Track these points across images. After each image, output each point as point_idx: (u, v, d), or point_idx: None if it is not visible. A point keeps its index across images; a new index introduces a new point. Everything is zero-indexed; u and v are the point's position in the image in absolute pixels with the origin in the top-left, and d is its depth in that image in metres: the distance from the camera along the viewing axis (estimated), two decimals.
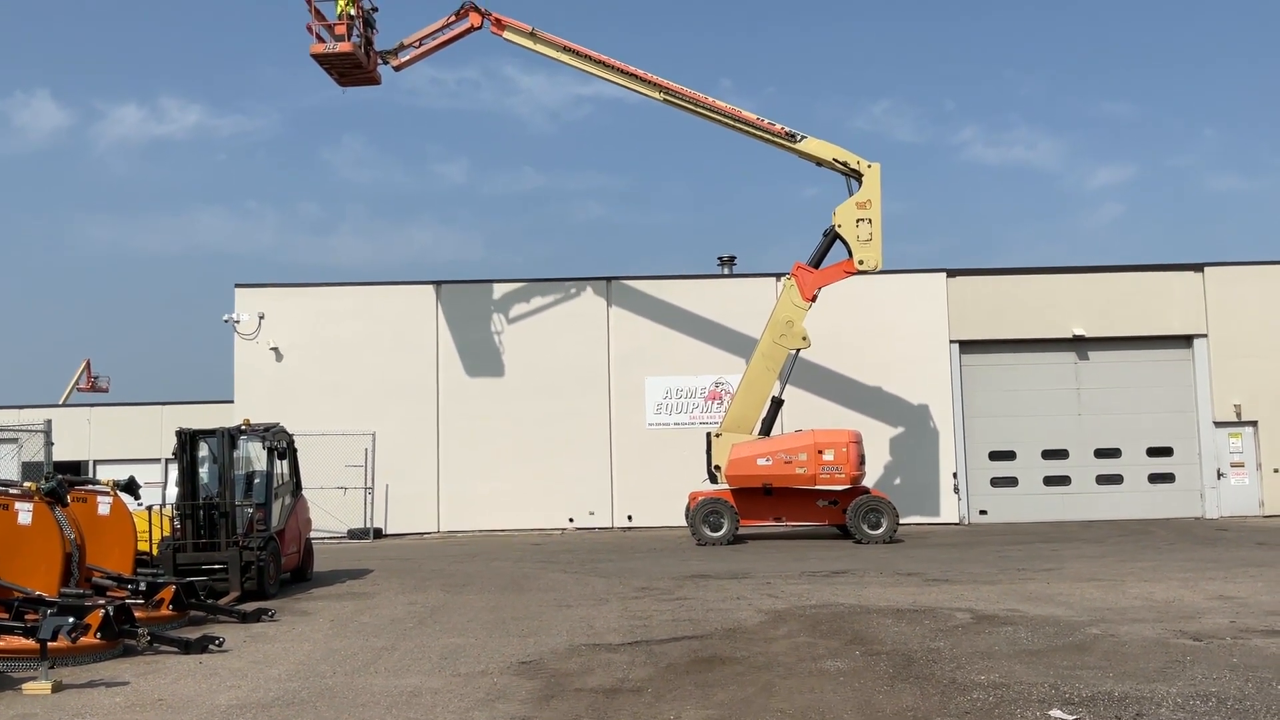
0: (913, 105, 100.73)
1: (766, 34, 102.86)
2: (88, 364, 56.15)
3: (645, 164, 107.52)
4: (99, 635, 10.88)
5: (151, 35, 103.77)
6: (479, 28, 25.52)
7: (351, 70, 25.29)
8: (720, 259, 31.94)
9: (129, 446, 37.36)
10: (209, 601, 14.15)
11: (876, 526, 23.18)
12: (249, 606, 14.35)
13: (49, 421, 19.00)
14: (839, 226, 24.23)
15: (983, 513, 28.49)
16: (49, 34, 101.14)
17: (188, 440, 16.47)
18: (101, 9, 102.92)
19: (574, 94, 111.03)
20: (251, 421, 17.74)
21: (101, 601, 11.67)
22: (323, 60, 24.69)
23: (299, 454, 18.76)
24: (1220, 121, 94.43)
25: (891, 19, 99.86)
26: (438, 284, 29.59)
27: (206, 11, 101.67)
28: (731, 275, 31.04)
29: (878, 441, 27.22)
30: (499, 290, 29.49)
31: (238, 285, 29.54)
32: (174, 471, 17.20)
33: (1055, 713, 8.03)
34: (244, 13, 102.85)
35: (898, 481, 27.89)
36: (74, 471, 32.32)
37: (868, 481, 24.77)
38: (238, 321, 29.17)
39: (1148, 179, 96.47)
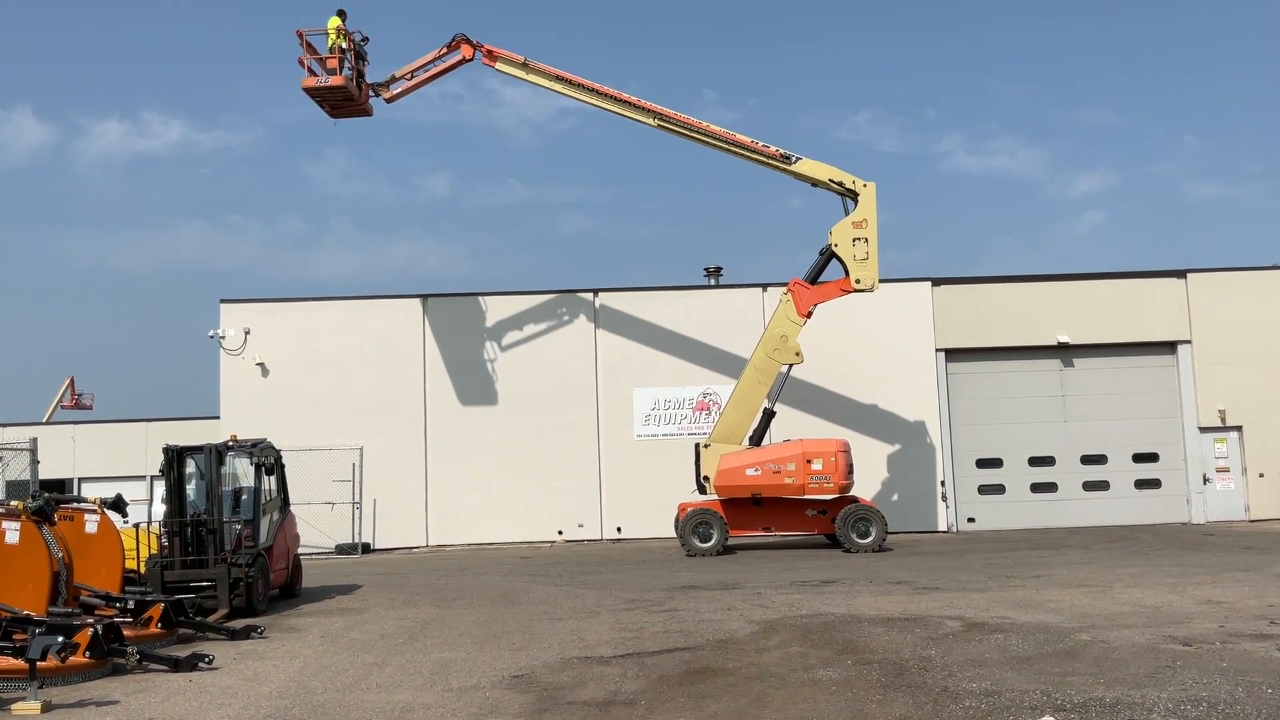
0: (895, 115, 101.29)
1: (749, 46, 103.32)
2: (71, 381, 55.85)
3: (630, 176, 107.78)
4: (88, 654, 10.81)
5: (133, 51, 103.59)
6: (470, 59, 25.55)
7: (343, 103, 25.32)
8: (707, 270, 32.01)
9: (114, 464, 37.13)
10: (198, 619, 14.09)
11: (865, 535, 23.22)
12: (238, 623, 14.29)
13: (35, 440, 18.96)
14: (835, 246, 24.31)
15: (970, 520, 28.56)
16: (30, 50, 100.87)
17: (175, 457, 16.40)
18: (83, 25, 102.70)
19: (558, 106, 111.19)
20: (238, 437, 17.68)
21: (90, 620, 11.60)
22: (315, 94, 24.71)
23: (286, 469, 18.70)
24: (1200, 129, 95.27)
25: (873, 30, 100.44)
26: (424, 297, 29.56)
27: (188, 26, 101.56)
28: (718, 286, 31.08)
29: (865, 451, 27.22)
30: (485, 303, 29.49)
31: (223, 300, 29.47)
32: (161, 489, 17.12)
33: (1047, 719, 8.05)
34: (226, 27, 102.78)
35: (895, 497, 27.93)
36: (59, 489, 32.16)
37: (857, 491, 24.80)
38: (223, 337, 29.08)
39: (1129, 187, 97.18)
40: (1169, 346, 29.25)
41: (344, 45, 24.68)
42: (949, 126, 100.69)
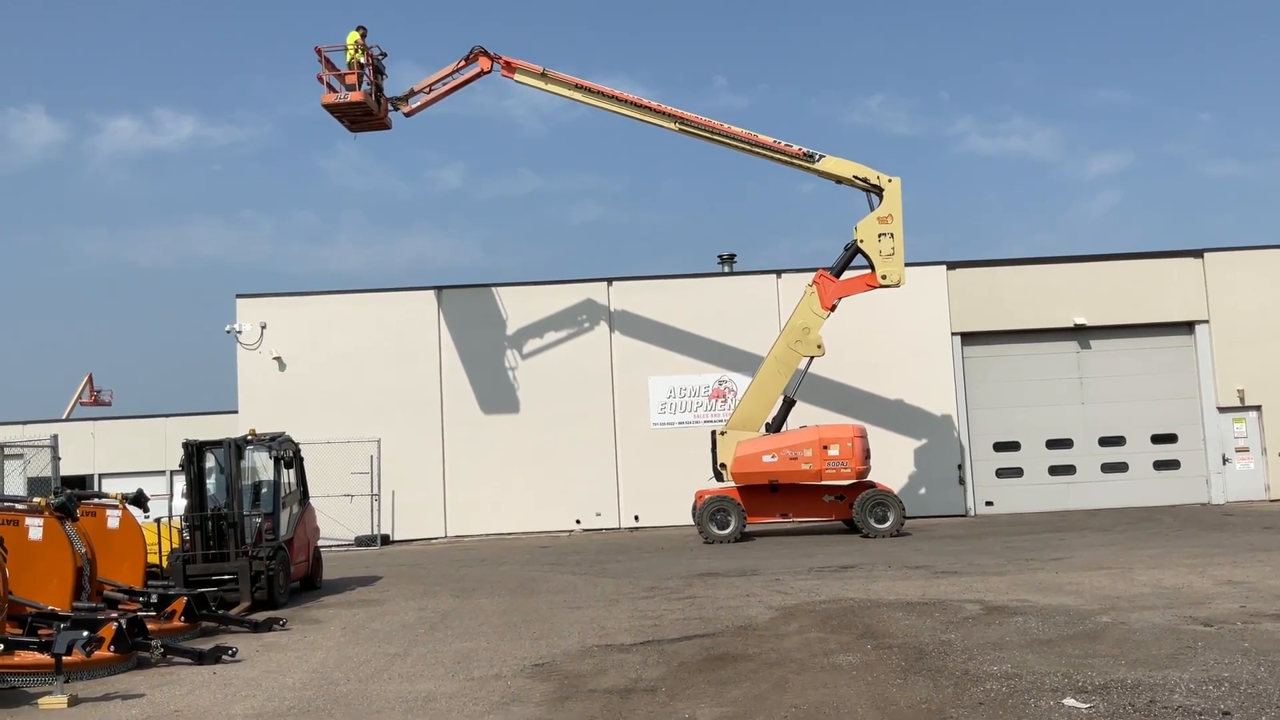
0: (907, 98, 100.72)
1: (759, 31, 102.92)
2: (90, 378, 56.15)
3: (641, 164, 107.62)
4: (112, 648, 10.92)
5: (144, 47, 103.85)
6: (489, 72, 25.54)
7: (363, 117, 25.42)
8: (720, 257, 31.97)
9: (134, 459, 37.38)
10: (220, 612, 14.20)
11: (883, 520, 23.21)
12: (260, 616, 14.38)
13: (55, 436, 19.09)
14: (861, 242, 24.24)
15: (988, 504, 28.51)
16: (42, 48, 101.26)
17: (194, 452, 16.52)
18: (93, 21, 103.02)
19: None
20: (257, 431, 17.77)
21: (114, 615, 11.70)
22: (334, 109, 24.79)
23: (305, 462, 18.78)
24: (1216, 107, 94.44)
25: (883, 12, 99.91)
26: (438, 289, 29.63)
27: (199, 22, 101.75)
28: (732, 273, 31.05)
29: (882, 436, 27.18)
30: (499, 294, 29.53)
31: (239, 295, 29.58)
32: (181, 483, 17.22)
33: (1069, 701, 8.05)
34: (236, 22, 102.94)
35: (914, 483, 27.88)
36: (79, 486, 32.40)
37: (874, 476, 24.76)
38: (240, 332, 29.21)
39: (1144, 167, 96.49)
40: (1187, 327, 29.09)
41: (362, 60, 24.74)
42: (962, 109, 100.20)
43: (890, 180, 24.19)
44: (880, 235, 24.07)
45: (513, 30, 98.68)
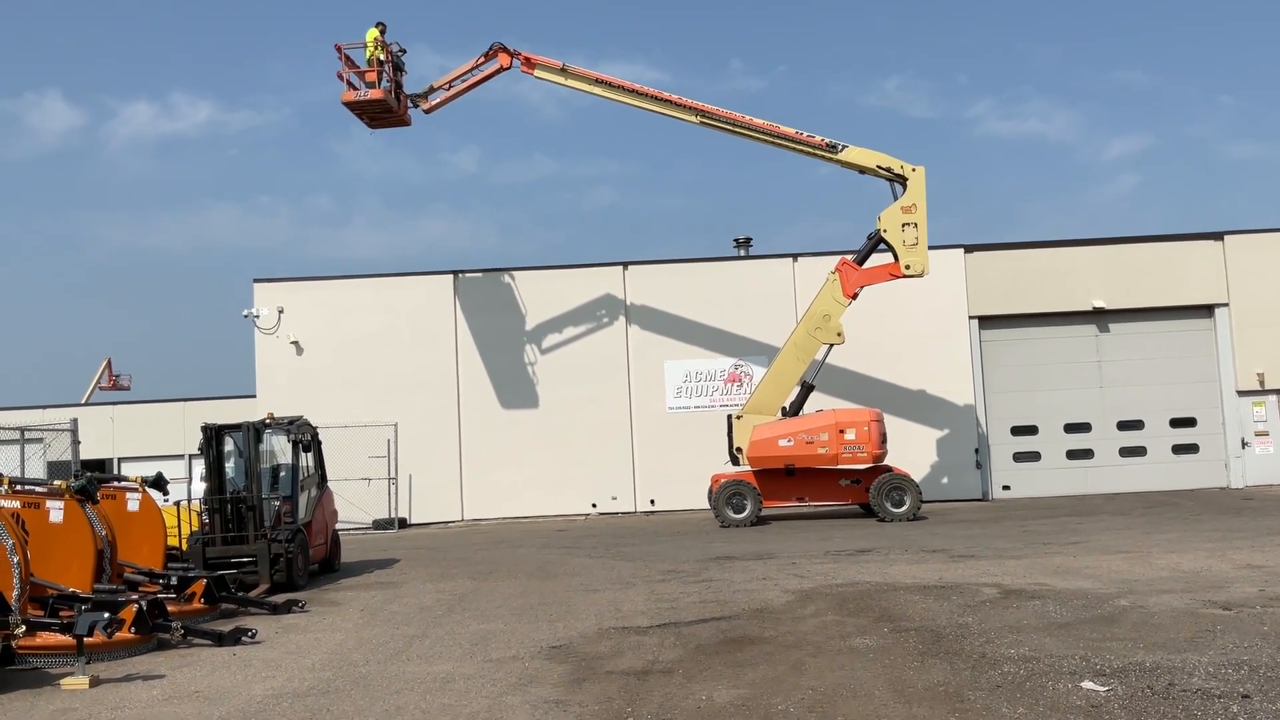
0: (925, 80, 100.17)
1: (775, 13, 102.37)
2: (108, 363, 56.50)
3: (656, 147, 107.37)
4: (133, 630, 11.01)
5: (161, 31, 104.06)
6: (508, 68, 25.56)
7: (383, 114, 25.48)
8: (736, 240, 31.90)
9: (152, 443, 37.60)
10: (240, 594, 14.29)
11: (900, 504, 23.17)
12: (279, 598, 14.48)
13: (75, 421, 19.24)
14: (884, 231, 24.13)
15: (1006, 488, 28.43)
16: (59, 33, 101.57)
17: (213, 435, 16.61)
18: (111, 5, 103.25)
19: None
20: (275, 415, 17.85)
21: (134, 597, 11.80)
22: (354, 107, 24.84)
23: (323, 446, 18.86)
24: (1237, 89, 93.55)
25: None
26: (455, 274, 29.66)
27: (215, 6, 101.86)
28: (748, 257, 30.98)
29: (898, 420, 27.11)
30: (515, 278, 29.55)
31: (256, 280, 29.70)
32: (200, 467, 17.33)
33: (1087, 684, 8.03)
34: (252, 7, 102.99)
35: (929, 466, 27.81)
36: (99, 469, 32.62)
37: (891, 460, 24.72)
38: (257, 316, 29.34)
39: (1165, 148, 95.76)
40: (1206, 310, 28.90)
41: (382, 57, 24.76)
42: (980, 91, 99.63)
43: (914, 170, 24.05)
44: (904, 225, 23.95)
45: (527, 12, 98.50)
